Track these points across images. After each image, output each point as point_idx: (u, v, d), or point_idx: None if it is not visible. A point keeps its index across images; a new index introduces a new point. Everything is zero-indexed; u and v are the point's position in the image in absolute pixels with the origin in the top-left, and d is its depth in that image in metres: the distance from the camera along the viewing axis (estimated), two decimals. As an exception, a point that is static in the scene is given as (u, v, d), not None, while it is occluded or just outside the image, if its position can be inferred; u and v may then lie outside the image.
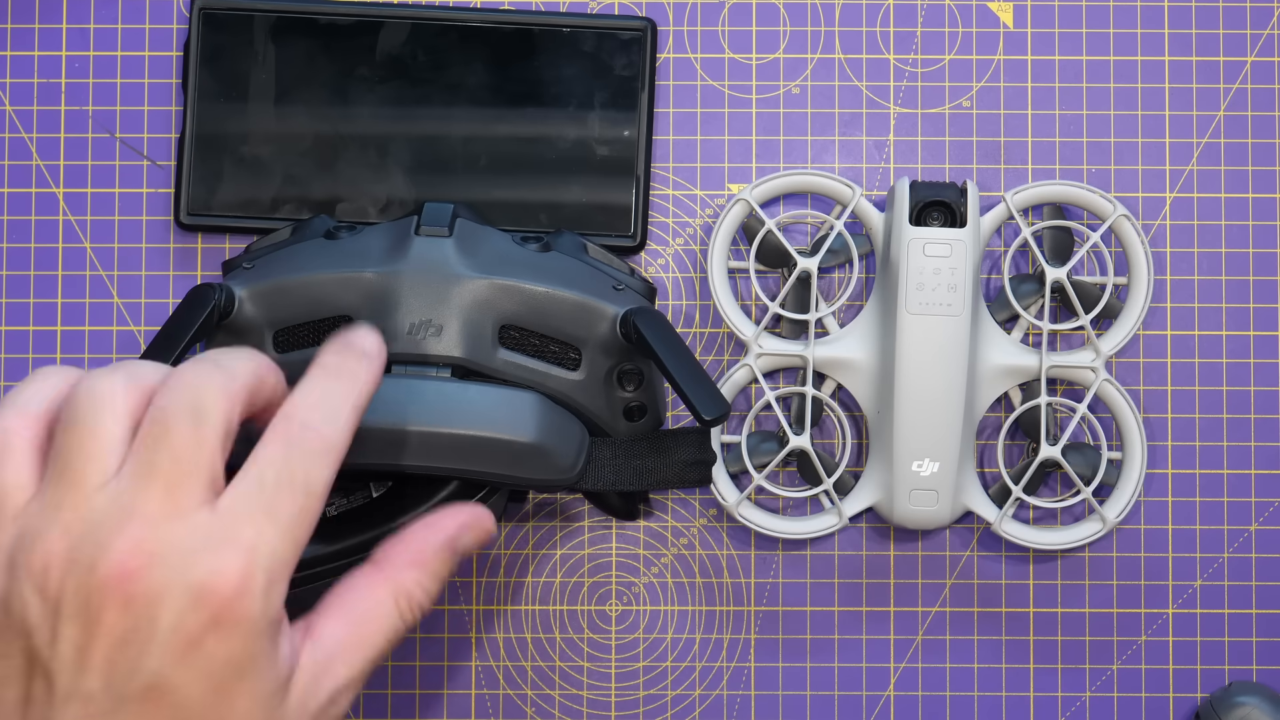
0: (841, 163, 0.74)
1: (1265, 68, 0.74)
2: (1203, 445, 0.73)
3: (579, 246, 0.68)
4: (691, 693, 0.73)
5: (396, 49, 0.72)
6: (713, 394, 0.63)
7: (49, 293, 0.73)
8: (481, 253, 0.66)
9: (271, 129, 0.72)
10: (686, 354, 0.64)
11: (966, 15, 0.74)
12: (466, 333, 0.64)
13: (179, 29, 0.74)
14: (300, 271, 0.65)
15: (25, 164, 0.73)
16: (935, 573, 0.73)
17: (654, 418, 0.68)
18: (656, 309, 0.67)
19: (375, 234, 0.67)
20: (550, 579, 0.73)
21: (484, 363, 0.65)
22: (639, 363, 0.67)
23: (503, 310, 0.65)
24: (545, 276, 0.65)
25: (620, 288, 0.67)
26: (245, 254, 0.68)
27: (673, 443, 0.68)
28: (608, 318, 0.65)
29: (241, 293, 0.65)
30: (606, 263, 0.68)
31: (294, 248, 0.67)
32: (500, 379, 0.65)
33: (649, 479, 0.68)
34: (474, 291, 0.64)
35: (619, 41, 0.72)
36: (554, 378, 0.66)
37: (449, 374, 0.64)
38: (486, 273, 0.65)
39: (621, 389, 0.67)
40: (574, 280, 0.66)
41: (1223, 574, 0.73)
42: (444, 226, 0.65)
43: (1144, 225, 0.73)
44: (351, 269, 0.65)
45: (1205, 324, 0.73)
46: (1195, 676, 0.73)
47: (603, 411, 0.67)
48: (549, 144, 0.72)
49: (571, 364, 0.66)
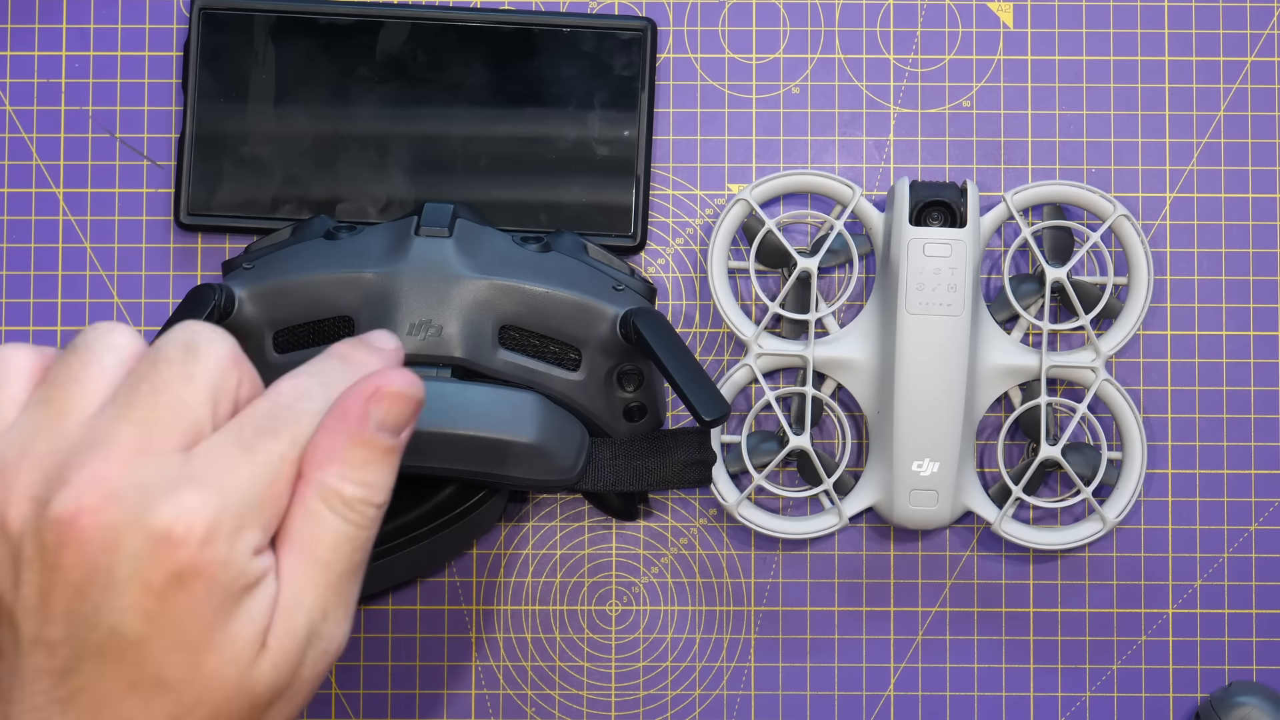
0: (841, 163, 0.74)
1: (1265, 68, 0.74)
2: (1203, 445, 0.73)
3: (579, 247, 0.68)
4: (691, 693, 0.73)
5: (396, 49, 0.72)
6: (713, 395, 0.63)
7: (49, 293, 0.73)
8: (481, 253, 0.66)
9: (271, 129, 0.72)
10: (686, 355, 0.64)
11: (966, 15, 0.74)
12: (467, 333, 0.64)
13: (179, 29, 0.74)
14: (300, 272, 0.65)
15: (25, 164, 0.73)
16: (935, 573, 0.73)
17: (654, 418, 0.68)
18: (656, 309, 0.67)
19: (375, 234, 0.67)
20: (550, 579, 0.73)
21: (484, 363, 0.65)
22: (639, 363, 0.67)
23: (503, 311, 0.65)
24: (545, 277, 0.65)
25: (620, 288, 0.67)
26: (245, 254, 0.68)
27: (672, 443, 0.68)
28: (608, 318, 0.65)
29: (241, 293, 0.65)
30: (606, 263, 0.68)
31: (294, 248, 0.67)
32: (500, 379, 0.65)
33: (649, 479, 0.68)
34: (474, 292, 0.64)
35: (619, 41, 0.72)
36: (554, 378, 0.66)
37: (449, 374, 0.64)
38: (486, 273, 0.65)
39: (621, 389, 0.67)
40: (574, 281, 0.66)
41: (1223, 574, 0.73)
42: (444, 227, 0.65)
43: (1144, 225, 0.73)
44: (351, 269, 0.65)
45: (1205, 324, 0.73)
46: (1195, 676, 0.73)
47: (603, 412, 0.67)
48: (549, 144, 0.72)
49: (571, 364, 0.66)
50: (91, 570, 0.45)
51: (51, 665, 0.46)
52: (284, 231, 0.69)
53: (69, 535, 0.45)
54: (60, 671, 0.46)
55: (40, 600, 0.45)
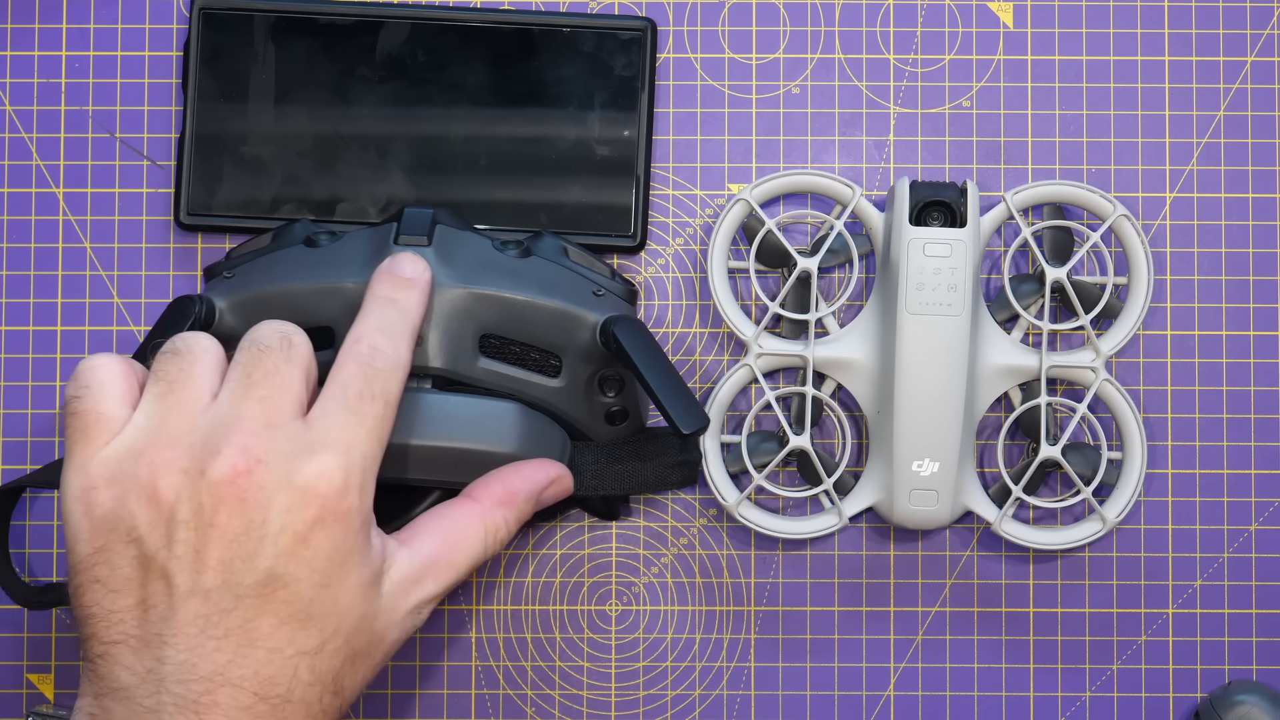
0: (841, 163, 0.74)
1: (1265, 68, 0.74)
2: (1203, 445, 0.73)
3: (559, 250, 0.68)
4: (691, 693, 0.73)
5: (396, 49, 0.72)
6: (691, 406, 0.63)
7: (49, 293, 0.73)
8: (461, 261, 0.65)
9: (271, 129, 0.72)
10: (666, 365, 0.64)
11: (966, 15, 0.74)
12: (447, 343, 0.64)
13: (179, 29, 0.74)
14: (280, 281, 0.65)
15: (25, 164, 0.73)
16: (935, 573, 0.73)
17: (635, 421, 0.68)
18: (637, 317, 0.67)
19: (355, 241, 0.66)
20: (550, 579, 0.73)
21: (465, 372, 0.65)
22: (619, 368, 0.67)
23: (483, 319, 0.65)
24: (525, 284, 0.65)
25: (600, 293, 0.67)
26: (226, 260, 0.68)
27: (654, 446, 0.68)
28: (588, 326, 0.65)
29: (222, 304, 0.65)
30: (587, 266, 0.68)
31: (274, 255, 0.67)
32: (481, 388, 0.65)
33: (632, 482, 0.68)
34: (454, 301, 0.64)
35: (619, 41, 0.72)
36: (535, 385, 0.66)
37: (430, 384, 0.64)
38: (466, 282, 0.65)
39: (603, 394, 0.67)
40: (554, 287, 0.66)
41: (1223, 574, 0.73)
42: (423, 235, 0.65)
43: (1144, 225, 0.73)
44: (332, 279, 0.65)
45: (1205, 324, 0.73)
46: (1195, 676, 0.73)
47: (584, 417, 0.67)
48: (549, 144, 0.72)
49: (552, 371, 0.66)
50: (247, 524, 0.54)
51: (207, 610, 0.54)
52: (265, 237, 0.69)
53: (228, 497, 0.54)
54: (216, 614, 0.54)
55: (195, 556, 0.54)
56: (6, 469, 0.73)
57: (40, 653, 0.72)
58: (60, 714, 0.71)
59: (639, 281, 0.73)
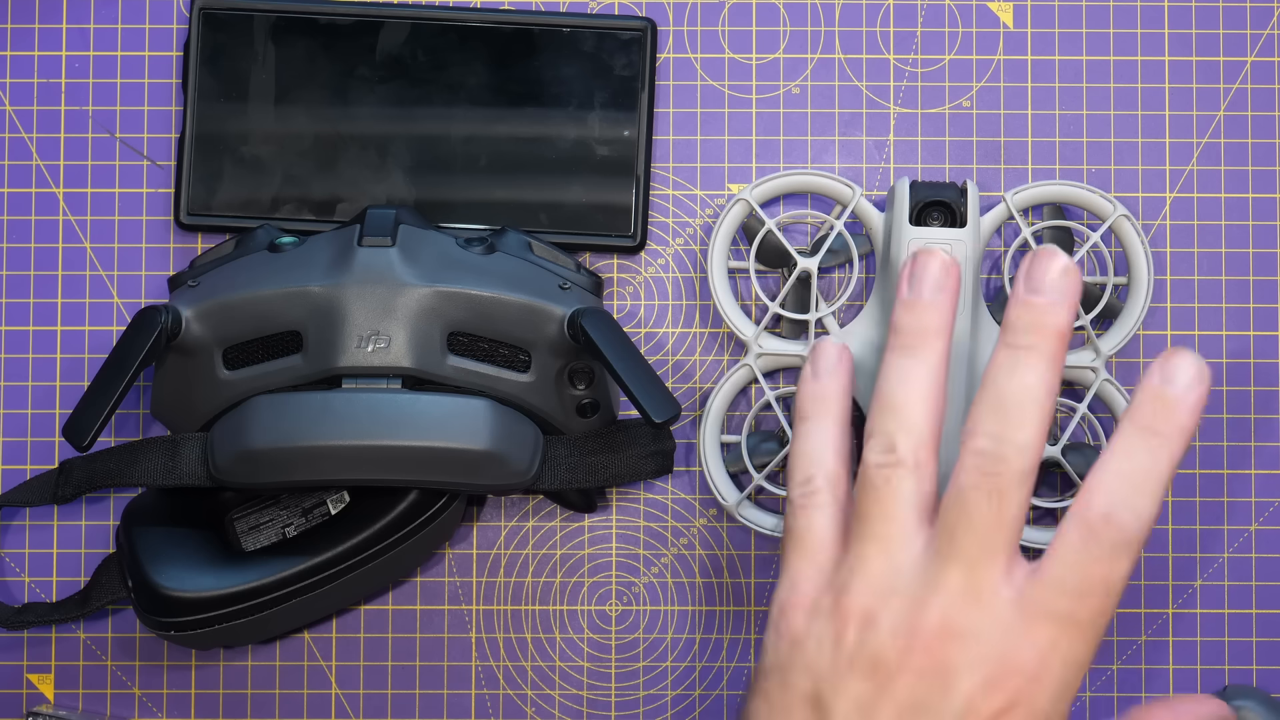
0: (841, 163, 0.74)
1: (1265, 68, 0.74)
2: (1203, 445, 0.73)
3: (524, 245, 0.68)
4: (691, 693, 0.73)
5: (396, 49, 0.72)
6: (662, 395, 0.64)
7: (49, 293, 0.73)
8: (425, 259, 0.66)
9: (271, 129, 0.72)
10: (635, 355, 0.64)
11: (966, 15, 0.74)
12: (415, 342, 0.64)
13: (179, 29, 0.74)
14: (245, 288, 0.65)
15: (25, 164, 0.73)
16: (935, 573, 0.73)
17: (607, 413, 0.69)
18: (603, 308, 0.67)
19: (319, 245, 0.67)
20: (550, 579, 0.73)
21: (434, 371, 0.65)
22: (589, 360, 0.67)
23: (450, 317, 0.65)
24: (490, 281, 0.65)
25: (566, 286, 0.67)
26: (190, 269, 0.69)
27: (626, 436, 0.69)
28: (555, 319, 0.66)
29: (187, 313, 0.65)
30: (552, 260, 0.68)
31: (238, 262, 0.67)
32: (451, 386, 0.65)
33: (605, 474, 0.68)
34: (420, 300, 0.65)
35: (619, 41, 0.72)
36: (505, 381, 0.66)
37: (400, 385, 0.64)
38: (431, 281, 0.65)
39: (573, 387, 0.68)
40: (519, 282, 0.66)
41: (1223, 574, 0.73)
42: (386, 235, 0.65)
43: (1144, 225, 0.73)
44: (296, 284, 0.65)
45: (1205, 324, 0.73)
46: (1195, 676, 0.73)
47: (555, 411, 0.67)
48: (549, 144, 0.72)
49: (522, 366, 0.66)
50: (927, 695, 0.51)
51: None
52: (228, 244, 0.69)
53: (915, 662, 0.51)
54: None
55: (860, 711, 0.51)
56: (6, 469, 0.73)
57: (40, 653, 0.72)
58: (60, 714, 0.71)
59: (639, 281, 0.73)
